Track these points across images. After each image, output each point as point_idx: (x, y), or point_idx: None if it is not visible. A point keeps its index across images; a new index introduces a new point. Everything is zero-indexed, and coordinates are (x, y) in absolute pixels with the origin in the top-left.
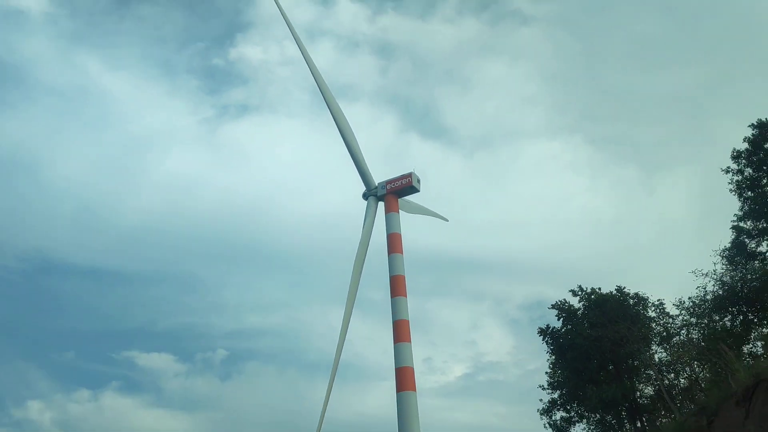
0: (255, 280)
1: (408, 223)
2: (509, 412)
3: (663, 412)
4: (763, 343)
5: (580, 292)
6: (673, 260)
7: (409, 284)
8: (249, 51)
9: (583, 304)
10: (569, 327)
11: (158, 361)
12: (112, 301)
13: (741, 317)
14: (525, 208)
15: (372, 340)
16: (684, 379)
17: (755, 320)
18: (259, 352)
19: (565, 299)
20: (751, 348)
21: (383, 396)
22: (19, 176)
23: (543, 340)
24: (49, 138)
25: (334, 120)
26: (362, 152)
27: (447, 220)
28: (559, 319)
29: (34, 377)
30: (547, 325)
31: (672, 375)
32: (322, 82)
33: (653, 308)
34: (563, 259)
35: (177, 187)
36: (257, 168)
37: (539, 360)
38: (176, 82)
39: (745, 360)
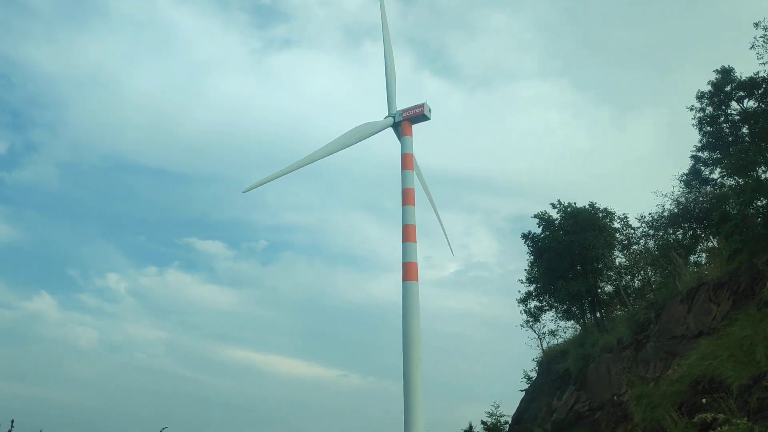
0: (292, 185)
1: (419, 147)
2: (491, 302)
3: (618, 307)
4: (706, 254)
5: (558, 205)
6: (637, 185)
7: (417, 196)
8: None
9: (560, 215)
10: (547, 233)
11: (212, 246)
12: (176, 196)
13: (691, 232)
14: (515, 138)
15: (384, 239)
16: (638, 281)
17: (702, 235)
18: (293, 244)
19: (545, 211)
20: (696, 258)
21: (392, 284)
22: (101, 90)
23: (525, 242)
24: (125, 59)
25: (384, 47)
26: (395, 81)
27: (453, 255)
28: (539, 226)
29: (113, 254)
30: (529, 231)
31: (628, 277)
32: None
33: (618, 221)
34: (544, 182)
35: (229, 105)
36: (296, 92)
37: (518, 262)
38: (230, 17)
39: (690, 268)
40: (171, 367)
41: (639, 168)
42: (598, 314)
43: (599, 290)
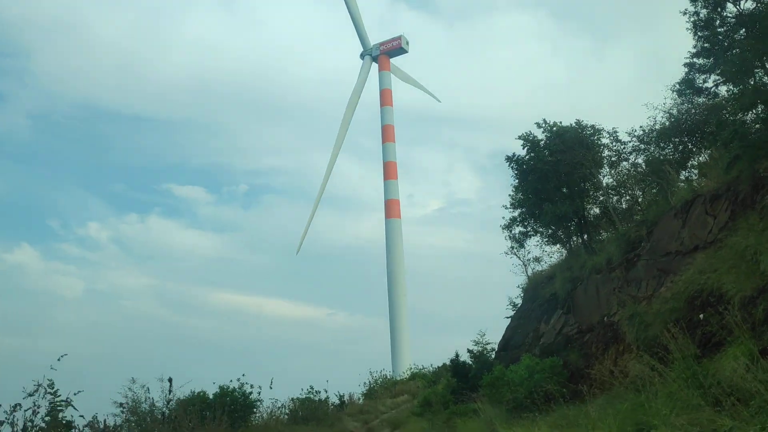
0: (269, 128)
1: (399, 84)
2: (473, 237)
3: (606, 228)
4: (698, 170)
5: (543, 125)
6: (618, 116)
7: (397, 134)
8: None
9: (545, 135)
10: (532, 155)
11: (192, 192)
12: (151, 142)
13: (681, 147)
14: (495, 72)
15: (366, 179)
16: (625, 201)
17: (693, 149)
18: (273, 188)
19: (530, 131)
20: (687, 175)
21: (375, 224)
22: (68, 35)
23: (509, 165)
24: (92, 1)
25: None
26: (361, 17)
27: (440, 101)
28: (523, 148)
29: (92, 203)
30: (514, 153)
31: (616, 197)
32: None
33: (608, 136)
34: (525, 116)
35: (201, 46)
36: (270, 30)
37: (499, 197)
38: None
39: (681, 185)
40: (158, 313)
41: (620, 98)
42: (585, 236)
43: (586, 212)
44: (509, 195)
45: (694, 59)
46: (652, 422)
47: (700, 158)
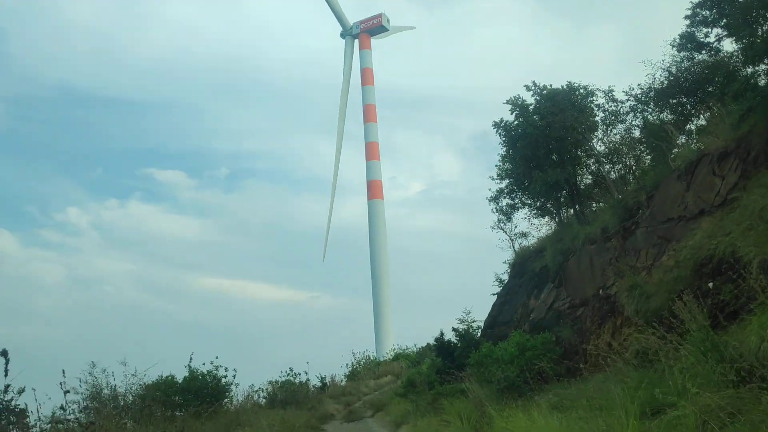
0: (250, 111)
1: (380, 66)
2: (455, 219)
3: (599, 199)
4: (696, 135)
5: (533, 87)
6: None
7: (378, 116)
8: None
9: (535, 99)
10: (521, 120)
11: (172, 176)
12: (130, 126)
13: (680, 108)
14: (476, 54)
15: (348, 161)
16: (617, 171)
17: (693, 111)
18: (256, 171)
19: (519, 95)
20: (686, 139)
21: (358, 206)
22: (41, 17)
23: (496, 131)
24: None
25: None
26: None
27: (414, 27)
28: (512, 113)
29: (71, 188)
30: (501, 118)
31: (609, 166)
32: None
33: (603, 95)
34: (507, 98)
35: (180, 29)
36: (249, 13)
37: (482, 179)
38: None
39: (679, 150)
40: (141, 298)
41: (604, 79)
42: (577, 206)
43: (578, 180)
44: (496, 165)
45: (697, 10)
46: (677, 401)
47: (700, 121)
